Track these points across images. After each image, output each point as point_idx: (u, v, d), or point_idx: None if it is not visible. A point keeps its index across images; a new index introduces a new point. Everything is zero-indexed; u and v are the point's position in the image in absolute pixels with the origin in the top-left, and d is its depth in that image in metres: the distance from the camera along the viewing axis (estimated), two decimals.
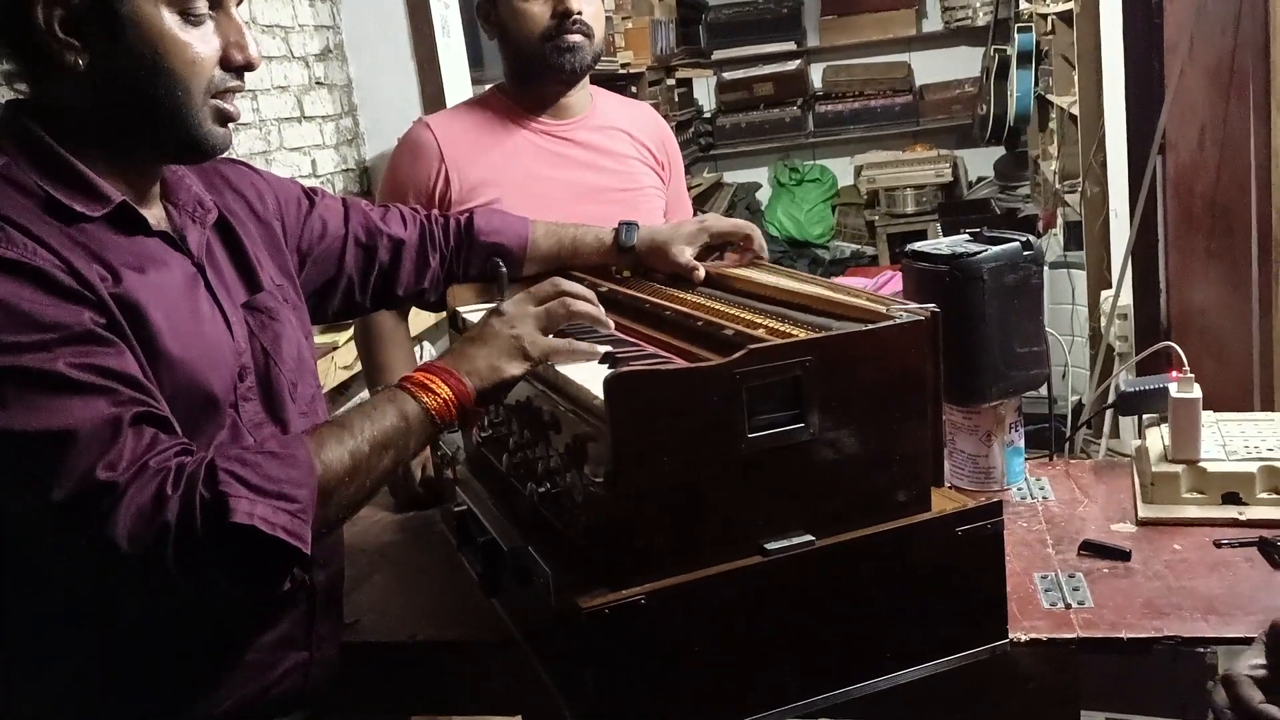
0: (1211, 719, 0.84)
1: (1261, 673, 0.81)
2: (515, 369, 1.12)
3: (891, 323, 1.05)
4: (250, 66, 1.09)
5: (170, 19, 1.03)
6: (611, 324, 1.21)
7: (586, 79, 1.80)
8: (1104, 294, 3.57)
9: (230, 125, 1.11)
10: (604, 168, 1.81)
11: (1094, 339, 3.76)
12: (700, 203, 6.29)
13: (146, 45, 1.03)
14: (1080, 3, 3.61)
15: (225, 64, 1.07)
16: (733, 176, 7.13)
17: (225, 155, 1.17)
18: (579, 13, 1.69)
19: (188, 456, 0.94)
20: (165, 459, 0.93)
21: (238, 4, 1.09)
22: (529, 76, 1.77)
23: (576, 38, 1.70)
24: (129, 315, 1.01)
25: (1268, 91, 2.51)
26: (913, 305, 1.11)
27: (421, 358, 3.30)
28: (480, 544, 1.24)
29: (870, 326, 1.05)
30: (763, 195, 7.11)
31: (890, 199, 6.42)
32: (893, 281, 4.69)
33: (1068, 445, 1.74)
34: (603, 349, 1.17)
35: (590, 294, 1.21)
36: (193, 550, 0.91)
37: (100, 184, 1.05)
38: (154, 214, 1.11)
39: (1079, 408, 3.66)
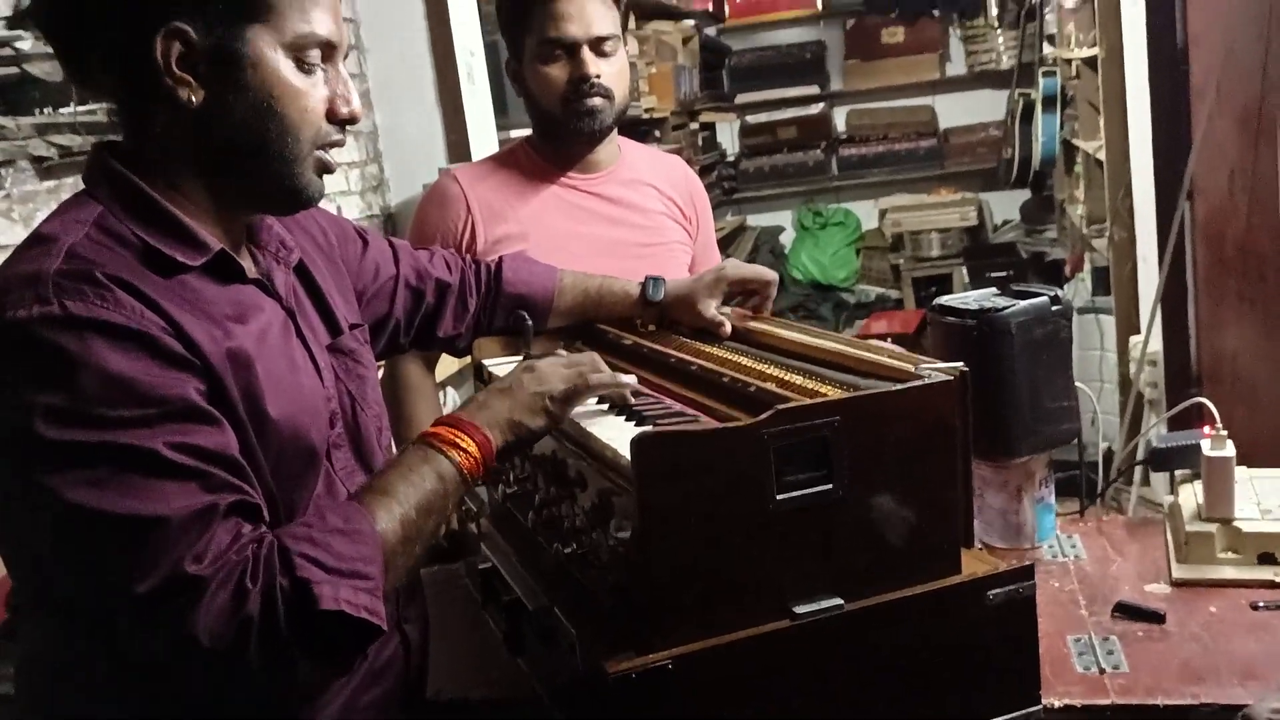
0: None
1: None
2: (537, 424, 1.12)
3: (920, 383, 1.04)
4: (354, 119, 1.08)
5: (287, 65, 1.02)
6: (638, 387, 1.20)
7: (614, 132, 1.81)
8: (1133, 340, 3.54)
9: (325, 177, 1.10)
10: (630, 223, 1.81)
11: (1124, 385, 3.72)
12: (724, 245, 6.30)
13: (263, 89, 1.01)
14: (1106, 48, 3.60)
15: (331, 116, 1.06)
16: (756, 220, 7.14)
17: None
18: (597, 76, 1.70)
19: (260, 543, 0.92)
20: (244, 549, 0.91)
21: (345, 58, 1.09)
22: (553, 136, 1.78)
23: (596, 101, 1.71)
24: (239, 372, 0.99)
25: None
26: (941, 364, 1.10)
27: (446, 404, 3.30)
28: (505, 603, 1.24)
29: (899, 386, 1.04)
30: (786, 239, 7.11)
31: (915, 242, 6.41)
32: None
33: (1099, 497, 1.71)
34: (627, 379, 1.17)
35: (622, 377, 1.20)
36: (276, 641, 0.89)
37: (199, 231, 1.03)
38: (245, 260, 1.10)
39: (1109, 455, 3.62)
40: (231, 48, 1.00)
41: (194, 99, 1.00)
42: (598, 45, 1.70)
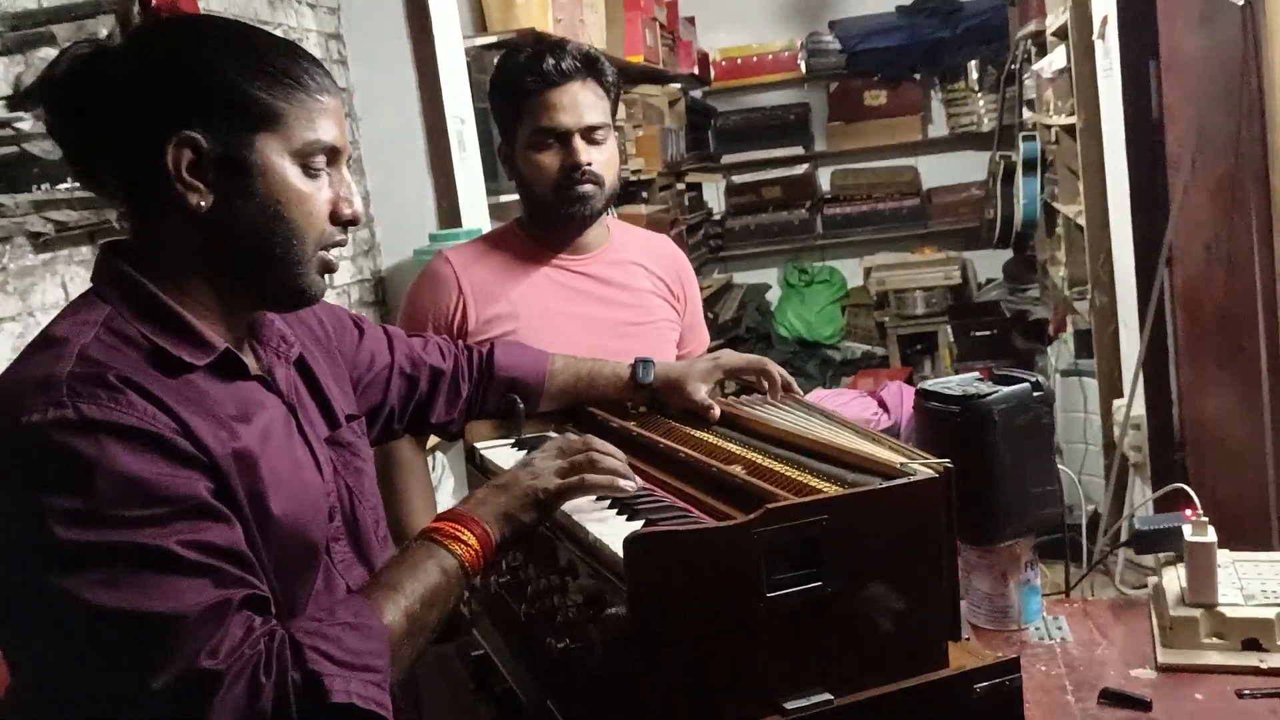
0: None
1: None
2: (529, 518, 1.14)
3: (907, 480, 1.07)
4: (356, 221, 1.12)
5: (294, 171, 1.06)
6: (636, 483, 1.21)
7: (604, 214, 1.85)
8: (1116, 403, 3.58)
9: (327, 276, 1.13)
10: (619, 302, 1.84)
11: (1108, 448, 3.75)
12: (711, 303, 6.35)
13: (271, 194, 1.05)
14: (1083, 118, 3.68)
15: (334, 218, 1.10)
16: (743, 278, 7.21)
17: None
18: (588, 164, 1.74)
19: (271, 637, 0.94)
20: (257, 643, 0.93)
21: (348, 163, 1.12)
22: (544, 219, 1.82)
23: (587, 187, 1.75)
24: (244, 472, 1.01)
25: (1269, 213, 2.55)
26: (926, 459, 1.13)
27: (434, 469, 3.31)
28: (498, 692, 1.24)
29: (886, 485, 1.06)
30: (772, 296, 7.18)
31: (900, 300, 6.47)
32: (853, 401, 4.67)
33: (1085, 562, 1.73)
34: (625, 482, 1.18)
35: (618, 453, 1.22)
36: None
37: (203, 331, 1.06)
38: (248, 357, 1.13)
39: (1095, 517, 3.64)
40: (241, 155, 1.03)
41: (203, 204, 1.03)
42: (589, 134, 1.74)
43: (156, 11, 2.35)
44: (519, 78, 1.74)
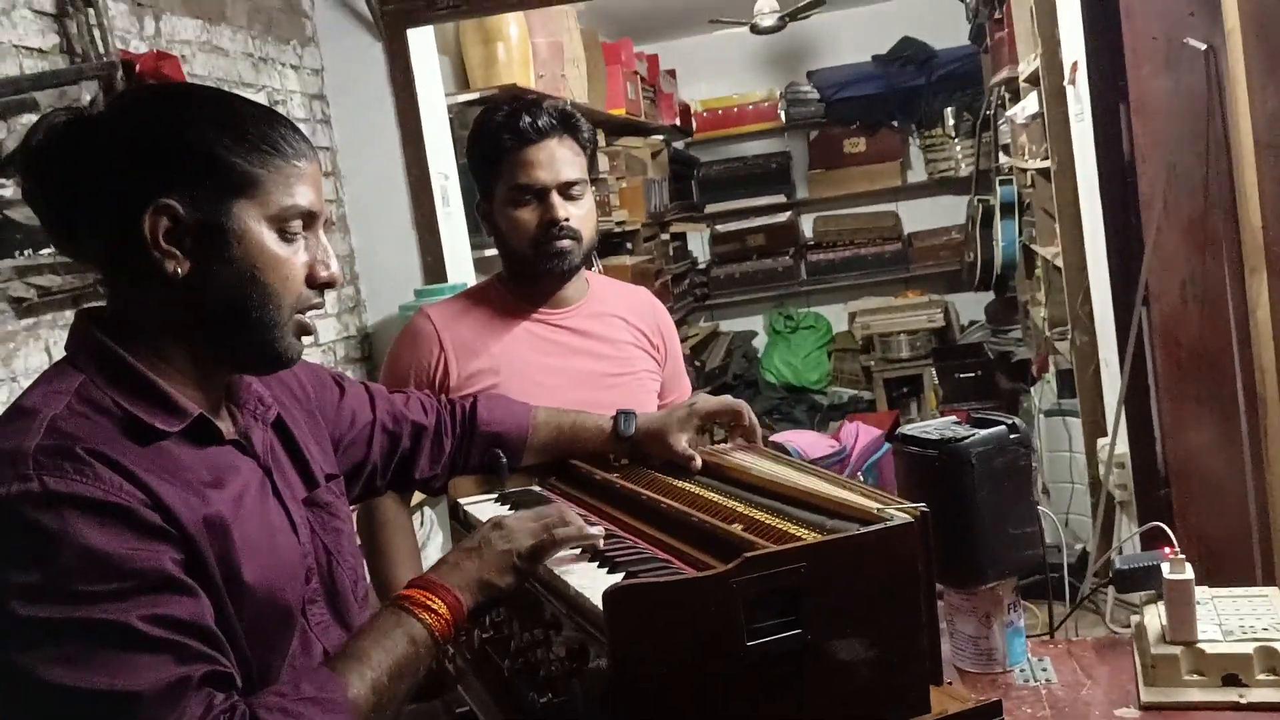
0: None
1: None
2: (506, 581, 1.14)
3: (883, 526, 1.08)
4: (333, 284, 1.12)
5: (271, 236, 1.06)
6: (601, 530, 1.23)
7: (583, 269, 1.87)
8: (1100, 442, 3.60)
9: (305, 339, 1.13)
10: (599, 354, 1.86)
11: (1094, 486, 3.77)
12: (697, 352, 6.38)
13: (247, 260, 1.05)
14: (1057, 162, 3.74)
15: (310, 281, 1.10)
16: (729, 325, 7.25)
17: None
18: (566, 220, 1.76)
19: (231, 712, 0.93)
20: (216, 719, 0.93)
21: (325, 226, 1.13)
22: (523, 274, 1.84)
23: (565, 243, 1.77)
24: (215, 539, 1.01)
25: (1239, 250, 2.59)
26: (903, 504, 1.14)
27: (422, 524, 3.30)
28: None
29: (862, 531, 1.07)
30: (759, 343, 7.22)
31: (885, 344, 6.52)
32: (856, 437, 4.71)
33: (1076, 602, 1.74)
34: (594, 530, 1.20)
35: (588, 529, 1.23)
36: None
37: (177, 398, 1.05)
38: (223, 421, 1.12)
39: (1083, 557, 3.64)
40: (218, 222, 1.04)
41: (180, 270, 1.04)
42: (566, 190, 1.77)
43: (141, 78, 2.38)
44: (496, 136, 1.77)
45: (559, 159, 1.76)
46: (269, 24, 3.35)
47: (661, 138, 6.49)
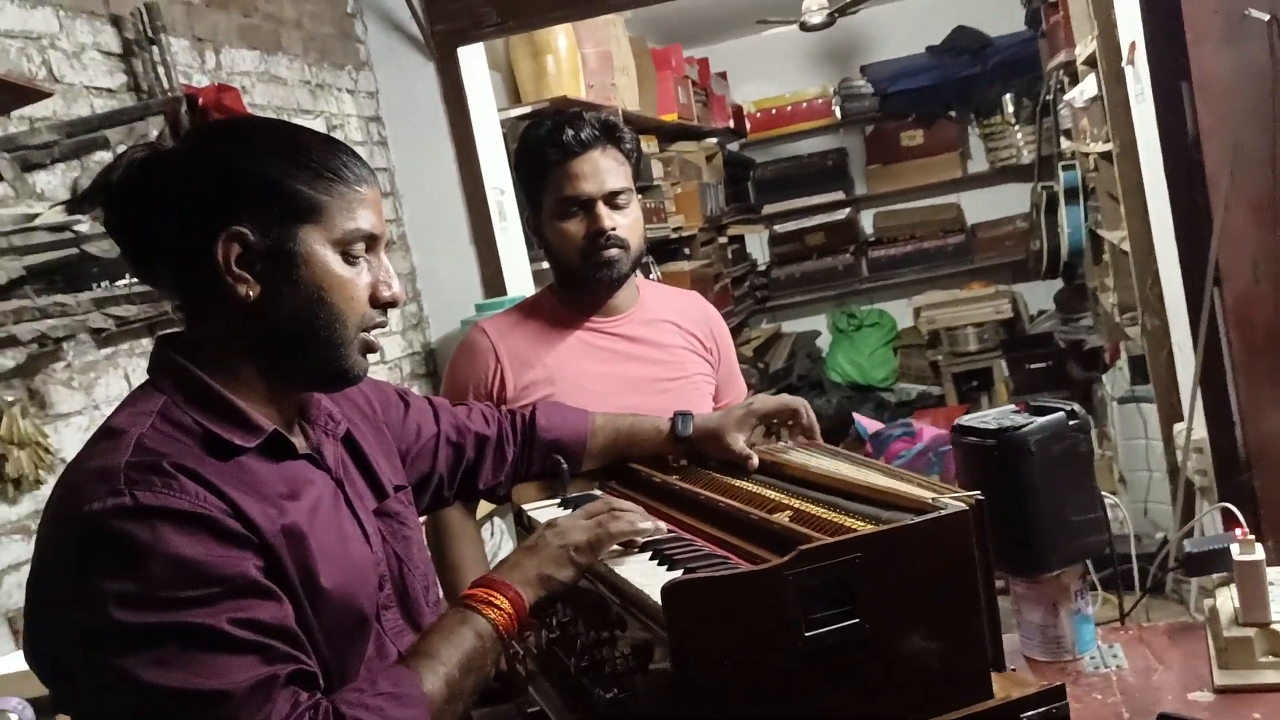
0: None
1: None
2: (565, 575, 1.18)
3: (935, 515, 1.08)
4: (395, 303, 1.17)
5: (335, 259, 1.11)
6: (654, 526, 1.26)
7: (633, 276, 1.89)
8: (1177, 427, 3.52)
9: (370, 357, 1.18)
10: (652, 359, 1.88)
11: (1173, 474, 3.68)
12: (760, 354, 6.37)
13: (314, 282, 1.10)
14: (1119, 144, 3.67)
15: (374, 301, 1.15)
16: (791, 326, 7.22)
17: None
18: (612, 229, 1.79)
19: (316, 709, 0.98)
20: (302, 716, 0.97)
21: (386, 247, 1.18)
22: (574, 285, 1.87)
23: (613, 252, 1.80)
24: (293, 548, 1.06)
25: None
26: (958, 492, 1.14)
27: (492, 535, 3.35)
28: None
29: (914, 520, 1.08)
30: (823, 343, 7.18)
31: (952, 338, 6.44)
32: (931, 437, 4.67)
33: (1145, 587, 1.71)
34: (646, 525, 1.22)
35: (638, 509, 1.26)
36: None
37: (252, 415, 1.11)
38: (296, 437, 1.18)
39: (1165, 545, 3.56)
40: (285, 247, 1.09)
41: (250, 294, 1.09)
42: (611, 200, 1.80)
43: (204, 111, 2.46)
44: (540, 150, 1.81)
45: (603, 169, 1.79)
46: (324, 51, 3.43)
47: (715, 141, 6.50)
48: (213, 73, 2.82)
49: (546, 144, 1.80)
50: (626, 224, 1.81)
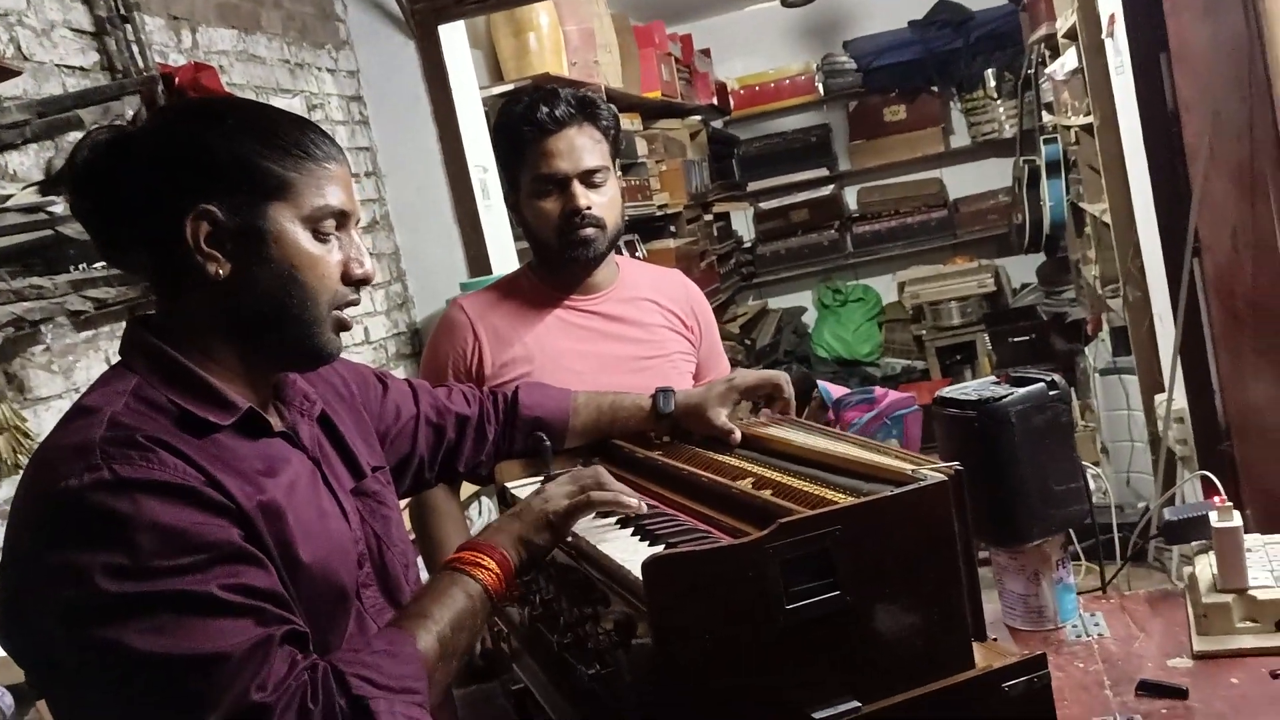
0: None
1: None
2: (543, 539, 1.19)
3: (914, 486, 1.08)
4: (367, 280, 1.16)
5: (305, 236, 1.11)
6: (638, 501, 1.26)
7: (611, 254, 1.89)
8: (1158, 398, 3.54)
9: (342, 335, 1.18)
10: (631, 337, 1.88)
11: (1154, 444, 3.71)
12: (747, 330, 6.37)
13: (284, 260, 1.10)
14: (1100, 116, 3.68)
15: (345, 278, 1.15)
16: (777, 302, 7.23)
17: None
18: (588, 208, 1.78)
19: (314, 669, 0.98)
20: (301, 675, 0.97)
21: (357, 225, 1.18)
22: (551, 263, 1.86)
23: (589, 231, 1.79)
24: (271, 523, 1.06)
25: None
26: (940, 465, 1.14)
27: (480, 514, 3.35)
28: None
29: (894, 492, 1.08)
30: (809, 318, 7.19)
31: (935, 312, 6.46)
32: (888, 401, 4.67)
33: (1126, 556, 1.72)
34: (630, 500, 1.23)
35: (626, 488, 1.27)
36: None
37: (227, 392, 1.10)
38: (272, 416, 1.18)
39: (1146, 514, 3.59)
40: (255, 225, 1.09)
41: (221, 272, 1.09)
42: (588, 178, 1.79)
43: (181, 90, 2.44)
44: (516, 128, 1.80)
45: (579, 147, 1.78)
46: (303, 30, 3.40)
47: (699, 118, 6.48)
48: (189, 52, 2.79)
49: (522, 121, 1.79)
50: (603, 203, 1.80)
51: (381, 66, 3.70)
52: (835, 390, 4.50)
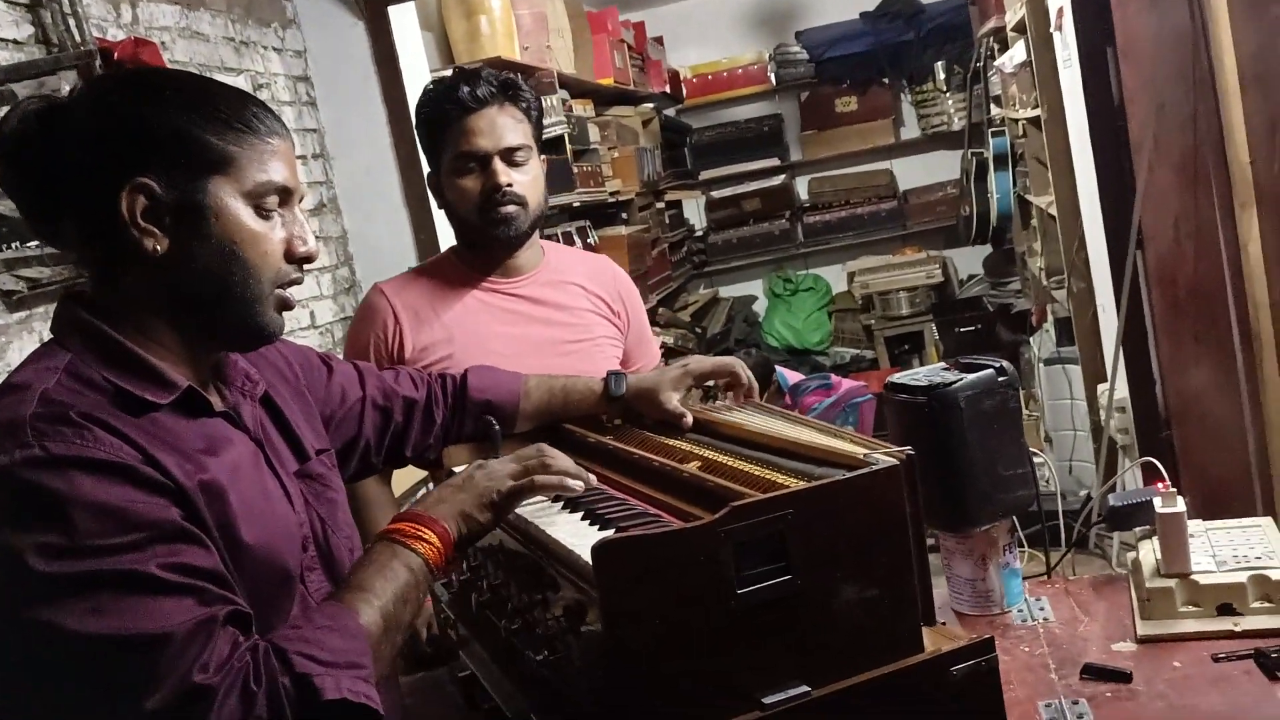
0: None
1: None
2: (484, 518, 1.17)
3: (867, 470, 1.08)
4: (310, 259, 1.14)
5: (247, 213, 1.08)
6: (585, 483, 1.24)
7: (535, 236, 1.87)
8: (1100, 387, 3.60)
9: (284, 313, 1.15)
10: (555, 321, 1.87)
11: (1096, 433, 3.77)
12: (698, 318, 6.37)
13: (225, 236, 1.07)
14: (1047, 109, 3.72)
15: (289, 256, 1.12)
16: (728, 291, 7.24)
17: None
18: (509, 185, 1.77)
19: (255, 649, 0.96)
20: (243, 655, 0.95)
21: (300, 202, 1.15)
22: (473, 243, 1.85)
23: (510, 208, 1.78)
24: (212, 502, 1.03)
25: (1229, 186, 2.58)
26: (889, 448, 1.14)
27: None
28: (486, 710, 1.25)
29: (846, 476, 1.08)
30: (759, 307, 7.21)
31: (885, 302, 6.50)
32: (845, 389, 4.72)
33: (1071, 542, 1.74)
34: (574, 483, 1.21)
35: (568, 460, 1.25)
36: None
37: (166, 371, 1.07)
38: (213, 396, 1.14)
39: (1088, 502, 3.65)
40: (194, 199, 1.06)
41: (159, 248, 1.05)
42: (509, 156, 1.78)
43: (120, 65, 2.37)
44: (438, 106, 1.79)
45: (500, 126, 1.77)
46: (249, 7, 3.33)
47: (652, 106, 6.45)
48: (129, 27, 2.72)
49: (444, 100, 1.78)
50: (525, 181, 1.79)
51: (330, 47, 3.65)
52: (792, 376, 4.53)
